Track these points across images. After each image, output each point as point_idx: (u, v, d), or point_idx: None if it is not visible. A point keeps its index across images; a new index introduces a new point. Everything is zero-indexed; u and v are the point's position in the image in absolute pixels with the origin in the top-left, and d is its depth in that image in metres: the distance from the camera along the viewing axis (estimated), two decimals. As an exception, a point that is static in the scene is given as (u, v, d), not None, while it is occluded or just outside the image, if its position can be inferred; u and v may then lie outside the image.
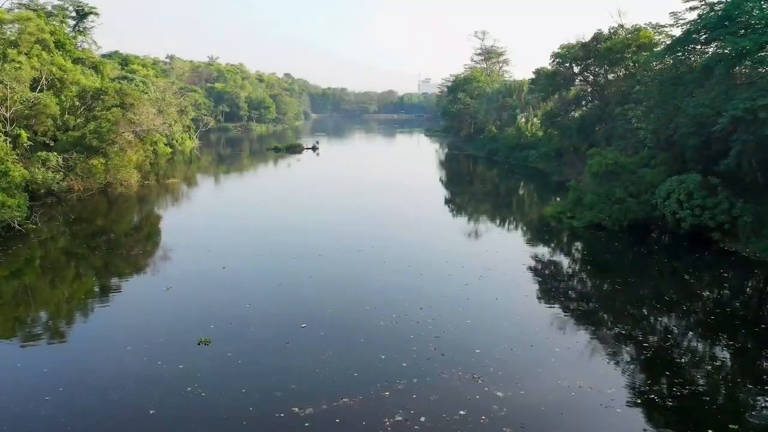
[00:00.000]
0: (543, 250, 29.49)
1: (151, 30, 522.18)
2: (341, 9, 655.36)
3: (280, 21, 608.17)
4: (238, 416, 12.65)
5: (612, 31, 47.50)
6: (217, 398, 13.39)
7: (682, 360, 16.16)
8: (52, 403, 13.24)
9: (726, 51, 28.12)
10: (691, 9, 32.47)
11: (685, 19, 37.00)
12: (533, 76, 62.84)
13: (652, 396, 13.86)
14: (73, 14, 64.92)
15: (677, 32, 36.12)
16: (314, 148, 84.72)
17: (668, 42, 43.92)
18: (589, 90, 52.83)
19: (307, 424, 12.34)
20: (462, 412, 12.85)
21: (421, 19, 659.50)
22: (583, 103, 53.33)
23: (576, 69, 51.14)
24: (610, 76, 48.51)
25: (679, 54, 31.66)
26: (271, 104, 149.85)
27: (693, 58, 31.58)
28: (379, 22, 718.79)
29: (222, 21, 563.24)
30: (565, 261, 28.34)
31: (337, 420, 12.55)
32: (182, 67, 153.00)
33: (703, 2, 30.10)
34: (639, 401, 13.59)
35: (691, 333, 18.47)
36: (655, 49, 40.37)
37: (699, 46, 30.93)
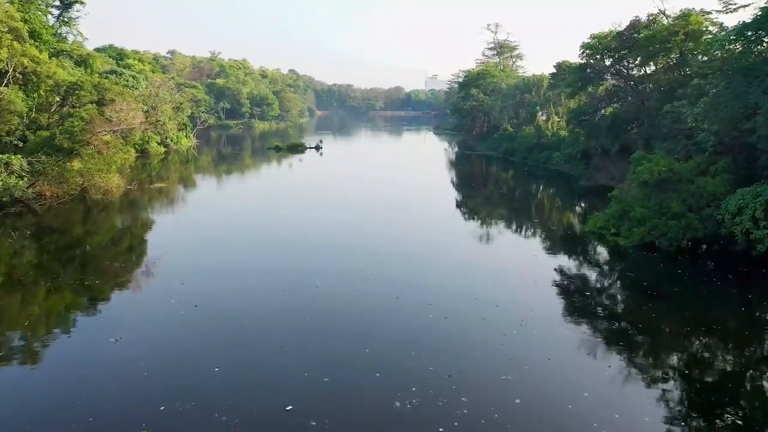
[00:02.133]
0: (589, 280, 24.27)
1: (155, 27, 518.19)
2: (343, 7, 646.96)
3: (283, 19, 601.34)
4: None
5: (651, 18, 42.08)
6: None
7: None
8: None
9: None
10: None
11: (736, 3, 31.87)
12: (549, 71, 57.87)
13: None
14: (57, 3, 60.00)
15: (726, 19, 30.91)
16: (317, 148, 79.65)
17: (713, 30, 38.71)
18: (621, 85, 47.41)
19: None
20: None
21: (426, 16, 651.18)
22: (615, 99, 47.87)
23: (608, 61, 45.72)
24: (649, 69, 43.09)
25: (752, 39, 26.29)
26: (274, 101, 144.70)
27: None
28: (383, 19, 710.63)
29: (224, 18, 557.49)
30: (621, 296, 22.94)
31: None
32: (183, 63, 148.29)
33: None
34: None
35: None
36: (707, 37, 35.00)
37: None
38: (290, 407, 12.83)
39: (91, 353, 15.69)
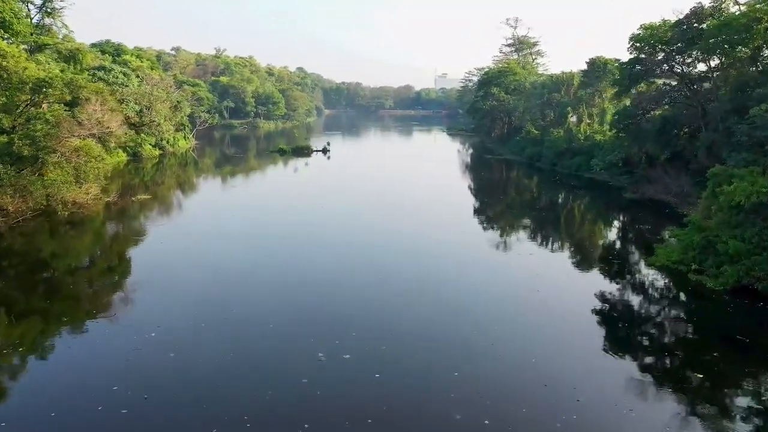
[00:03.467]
0: (687, 348, 18.19)
1: (159, 25, 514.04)
2: (344, 6, 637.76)
3: (290, 17, 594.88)
4: None
5: (715, 5, 35.79)
6: None
7: None
8: None
9: None
10: None
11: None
12: (557, 69, 51.66)
13: None
14: (39, -8, 54.58)
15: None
16: (324, 151, 73.81)
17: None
18: (674, 83, 41.17)
19: None
20: None
21: (427, 15, 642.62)
22: (666, 100, 41.61)
23: (660, 56, 39.48)
24: (713, 64, 36.82)
25: None
26: (280, 99, 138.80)
27: None
28: (384, 19, 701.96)
29: (229, 17, 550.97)
30: (749, 386, 16.77)
31: None
32: (186, 60, 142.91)
33: None
34: None
35: None
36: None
37: None
38: None
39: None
